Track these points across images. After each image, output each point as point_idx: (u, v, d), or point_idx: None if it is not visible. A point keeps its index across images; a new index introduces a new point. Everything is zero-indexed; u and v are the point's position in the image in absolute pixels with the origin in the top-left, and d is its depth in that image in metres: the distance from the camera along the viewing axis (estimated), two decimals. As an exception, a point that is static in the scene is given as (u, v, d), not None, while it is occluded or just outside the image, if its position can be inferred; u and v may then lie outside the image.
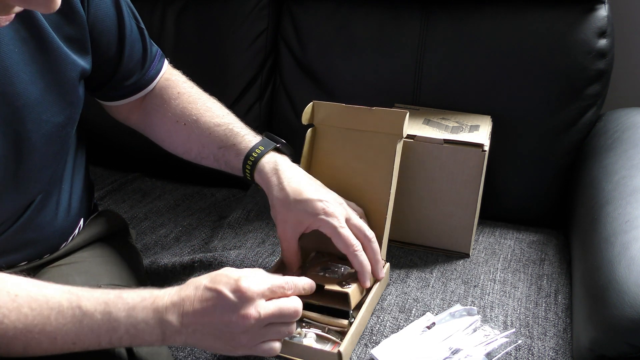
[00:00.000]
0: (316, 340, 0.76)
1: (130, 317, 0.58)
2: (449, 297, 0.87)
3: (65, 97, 0.69)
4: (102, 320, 0.58)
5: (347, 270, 0.83)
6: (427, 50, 1.09)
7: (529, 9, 1.04)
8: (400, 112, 0.82)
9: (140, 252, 1.00)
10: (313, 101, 0.88)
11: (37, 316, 0.56)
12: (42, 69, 0.66)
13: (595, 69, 1.02)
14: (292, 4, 1.21)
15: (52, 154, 0.71)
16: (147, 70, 0.82)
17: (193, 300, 0.60)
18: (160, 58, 0.85)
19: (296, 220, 0.75)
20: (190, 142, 0.83)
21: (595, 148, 1.00)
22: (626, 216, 0.78)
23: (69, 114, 0.71)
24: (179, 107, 0.83)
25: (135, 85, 0.82)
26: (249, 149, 0.79)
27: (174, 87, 0.85)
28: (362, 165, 0.86)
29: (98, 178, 1.28)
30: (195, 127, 0.82)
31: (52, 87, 0.67)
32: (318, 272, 0.83)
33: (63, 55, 0.67)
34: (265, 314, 0.61)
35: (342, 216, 0.75)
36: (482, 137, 0.92)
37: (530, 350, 0.76)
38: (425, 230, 0.98)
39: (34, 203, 0.71)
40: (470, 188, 0.92)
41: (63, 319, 0.57)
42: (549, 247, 1.00)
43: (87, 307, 0.58)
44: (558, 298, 0.87)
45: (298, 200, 0.74)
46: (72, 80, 0.70)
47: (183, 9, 1.24)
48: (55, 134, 0.70)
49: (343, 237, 0.74)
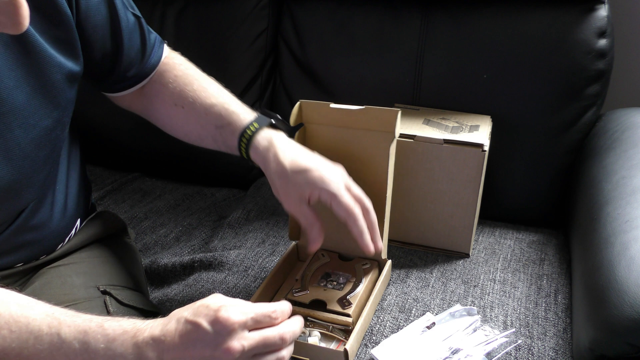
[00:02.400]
0: (320, 339, 0.76)
1: (108, 350, 0.56)
2: (449, 297, 0.87)
3: (52, 100, 0.68)
4: (79, 350, 0.56)
5: (348, 280, 0.84)
6: (427, 50, 1.09)
7: (529, 9, 1.04)
8: (392, 111, 0.81)
9: (140, 252, 1.00)
10: (300, 101, 0.87)
11: (15, 339, 0.56)
12: (27, 73, 0.64)
13: (595, 69, 1.02)
14: (292, 4, 1.21)
15: (43, 159, 0.70)
16: (148, 58, 0.81)
17: (174, 334, 0.57)
18: (160, 44, 0.84)
19: (298, 191, 0.73)
20: (189, 124, 0.82)
21: (595, 148, 1.00)
22: (626, 216, 0.78)
23: (57, 116, 0.70)
24: (177, 90, 0.82)
25: (137, 76, 0.82)
26: (244, 126, 0.77)
27: (170, 71, 0.84)
28: (356, 164, 0.85)
29: (98, 178, 1.28)
30: (192, 109, 0.80)
31: (38, 90, 0.66)
32: (319, 282, 0.84)
33: (48, 57, 0.66)
34: (249, 346, 0.57)
35: (341, 183, 0.73)
36: (482, 137, 0.92)
37: (530, 350, 0.77)
38: (425, 230, 0.99)
39: (29, 206, 0.71)
40: (470, 188, 0.92)
41: (41, 344, 0.56)
42: (548, 247, 1.00)
43: (66, 335, 0.56)
44: (558, 298, 0.87)
45: (296, 172, 0.72)
46: (59, 82, 0.68)
47: (183, 9, 1.24)
48: (44, 137, 0.69)
49: (343, 203, 0.71)
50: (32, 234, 0.73)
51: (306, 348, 0.74)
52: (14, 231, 0.70)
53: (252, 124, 0.76)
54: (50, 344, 0.56)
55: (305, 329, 0.77)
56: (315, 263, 0.88)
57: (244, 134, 0.76)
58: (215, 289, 0.89)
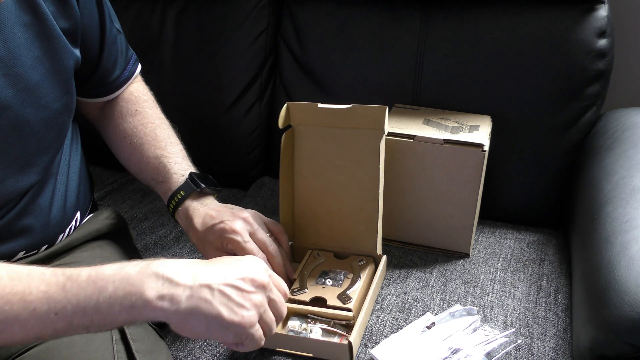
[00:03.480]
0: (322, 335, 0.76)
1: (120, 271, 0.54)
2: (449, 297, 0.87)
3: (62, 85, 0.71)
4: (87, 280, 0.53)
5: (345, 276, 0.84)
6: (427, 50, 1.09)
7: (528, 9, 1.04)
8: (379, 108, 0.82)
9: (140, 252, 1.00)
10: (287, 102, 0.87)
11: (16, 285, 0.52)
12: (43, 55, 0.67)
13: (595, 69, 1.02)
14: (292, 4, 1.21)
15: (49, 141, 0.72)
16: (121, 73, 0.86)
17: (200, 262, 0.60)
18: (135, 62, 0.90)
19: (212, 247, 0.80)
20: (131, 161, 0.88)
21: (595, 148, 1.00)
22: (626, 216, 0.78)
23: (66, 102, 0.73)
24: (131, 125, 0.87)
25: (110, 86, 0.86)
26: (172, 192, 0.83)
27: (133, 104, 0.89)
28: (346, 163, 0.86)
29: (98, 178, 1.28)
30: (138, 151, 0.86)
31: (52, 73, 0.69)
32: (317, 280, 0.84)
33: (62, 42, 0.70)
34: (273, 279, 0.64)
35: (245, 231, 0.79)
36: (482, 137, 0.92)
37: (530, 350, 0.77)
38: (425, 230, 0.99)
39: (31, 189, 0.72)
40: (470, 188, 0.92)
41: (45, 286, 0.52)
42: (548, 247, 1.00)
43: (71, 271, 0.54)
44: (558, 298, 0.87)
45: (205, 231, 0.80)
46: (69, 68, 0.72)
47: (183, 9, 1.24)
48: (52, 120, 0.71)
49: (247, 251, 0.78)
50: (33, 218, 0.74)
51: (309, 343, 0.75)
52: (18, 213, 0.71)
53: (178, 193, 0.83)
54: (57, 284, 0.53)
55: (306, 326, 0.78)
56: (312, 263, 0.88)
57: (171, 201, 0.83)
58: (215, 289, 0.89)
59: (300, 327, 0.77)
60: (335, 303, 0.79)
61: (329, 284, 0.83)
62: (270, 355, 0.76)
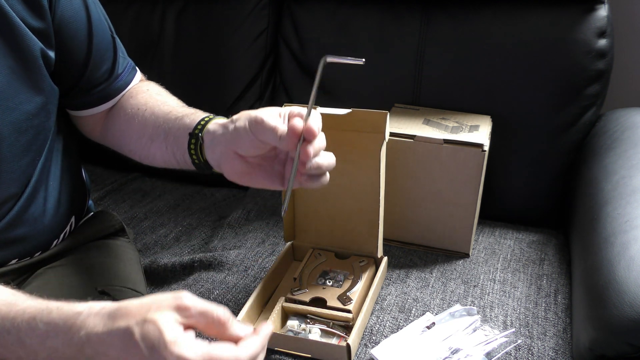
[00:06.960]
0: (321, 336, 0.76)
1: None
2: (449, 297, 0.87)
3: (34, 85, 0.67)
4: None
5: (346, 277, 0.84)
6: (427, 50, 1.09)
7: (529, 9, 1.04)
8: (380, 113, 0.80)
9: (140, 252, 1.00)
10: (284, 104, 0.86)
11: None
12: (6, 55, 0.63)
13: (595, 69, 1.02)
14: (292, 4, 1.21)
15: (23, 145, 0.68)
16: (115, 80, 0.80)
17: None
18: (131, 71, 0.83)
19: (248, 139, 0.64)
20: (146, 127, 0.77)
21: (595, 148, 1.00)
22: (626, 216, 0.78)
23: (41, 102, 0.69)
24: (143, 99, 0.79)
25: (101, 94, 0.79)
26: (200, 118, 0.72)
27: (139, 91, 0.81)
28: (347, 166, 0.85)
29: (98, 178, 1.28)
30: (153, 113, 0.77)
31: (19, 73, 0.65)
32: (317, 280, 0.84)
33: (28, 41, 0.65)
34: None
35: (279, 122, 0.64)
36: (482, 137, 0.92)
37: (530, 350, 0.76)
38: (425, 230, 0.99)
39: (22, 198, 0.70)
40: (470, 188, 0.92)
41: None
42: (548, 247, 1.00)
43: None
44: (558, 298, 0.87)
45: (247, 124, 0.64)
46: (40, 67, 0.67)
47: (183, 9, 1.24)
48: (25, 122, 0.67)
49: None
50: (26, 228, 0.72)
51: (308, 344, 0.75)
52: (8, 224, 0.69)
53: (208, 116, 0.72)
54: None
55: (305, 326, 0.78)
56: (312, 263, 0.88)
57: (201, 120, 0.71)
58: (215, 288, 0.89)
59: (299, 327, 0.78)
60: (335, 304, 0.79)
61: (329, 284, 0.83)
62: (268, 355, 0.75)
